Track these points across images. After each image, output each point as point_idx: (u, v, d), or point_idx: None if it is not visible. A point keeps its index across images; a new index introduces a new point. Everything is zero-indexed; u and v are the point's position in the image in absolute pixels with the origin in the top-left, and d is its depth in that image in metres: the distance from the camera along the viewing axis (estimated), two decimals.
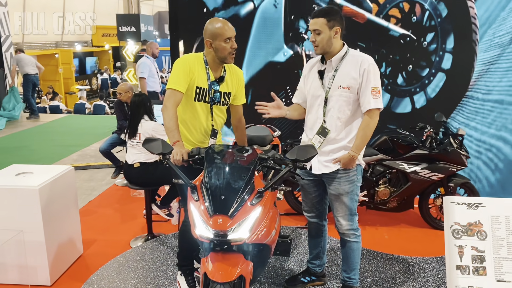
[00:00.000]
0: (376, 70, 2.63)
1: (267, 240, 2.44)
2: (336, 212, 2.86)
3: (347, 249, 2.93)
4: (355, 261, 2.95)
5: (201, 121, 2.84)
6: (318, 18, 2.61)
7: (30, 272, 3.20)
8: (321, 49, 2.66)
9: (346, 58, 2.67)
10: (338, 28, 2.63)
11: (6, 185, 3.15)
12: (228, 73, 2.89)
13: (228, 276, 2.17)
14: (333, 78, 2.68)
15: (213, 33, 2.68)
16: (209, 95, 2.80)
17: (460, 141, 4.08)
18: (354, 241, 2.89)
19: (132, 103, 4.05)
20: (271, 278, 3.34)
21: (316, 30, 2.61)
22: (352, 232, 2.87)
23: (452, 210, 2.37)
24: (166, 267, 3.50)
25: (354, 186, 2.80)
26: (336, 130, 2.73)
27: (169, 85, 2.70)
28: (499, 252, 2.27)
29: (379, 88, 2.62)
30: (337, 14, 2.64)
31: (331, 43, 2.64)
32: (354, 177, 2.78)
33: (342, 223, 2.86)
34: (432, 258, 3.65)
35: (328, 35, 2.61)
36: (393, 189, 4.18)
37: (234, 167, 2.40)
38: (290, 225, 4.29)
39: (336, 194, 2.81)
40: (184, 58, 2.80)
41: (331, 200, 2.87)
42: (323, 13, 2.61)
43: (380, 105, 2.63)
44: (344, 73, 2.66)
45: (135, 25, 11.48)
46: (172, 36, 5.33)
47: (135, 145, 3.94)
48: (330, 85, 2.69)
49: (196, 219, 2.24)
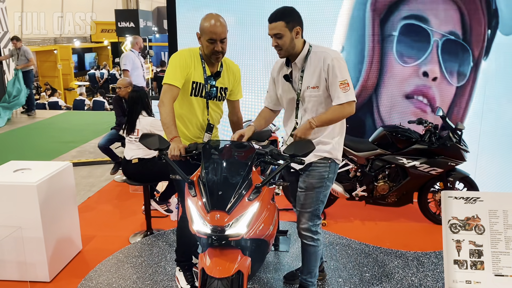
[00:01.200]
0: (341, 63, 2.53)
1: (265, 235, 2.43)
2: (299, 205, 2.76)
3: (304, 252, 2.85)
4: (312, 265, 2.86)
5: (197, 116, 2.83)
6: (276, 22, 2.50)
7: (29, 268, 3.21)
8: (285, 52, 2.58)
9: (310, 56, 2.60)
10: (299, 28, 2.54)
11: (4, 181, 3.14)
12: (225, 68, 2.88)
13: (226, 272, 2.16)
14: (301, 79, 2.62)
15: (202, 28, 2.66)
16: (205, 90, 2.79)
17: (459, 136, 4.08)
18: (310, 244, 2.79)
19: (129, 98, 4.05)
20: (270, 273, 3.34)
21: (277, 34, 2.51)
22: (308, 234, 2.77)
23: (450, 204, 2.36)
24: (165, 263, 3.50)
25: (323, 183, 2.69)
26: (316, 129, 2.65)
27: (165, 80, 2.68)
28: (497, 247, 2.27)
29: (347, 81, 2.51)
30: (294, 13, 2.54)
31: (294, 44, 2.55)
32: (325, 173, 2.69)
33: (302, 221, 2.76)
34: (431, 252, 3.65)
35: (290, 37, 2.52)
36: (392, 184, 4.17)
37: (231, 162, 2.39)
38: (289, 220, 4.29)
39: (303, 188, 2.72)
40: (180, 53, 2.78)
41: (298, 193, 2.76)
42: (280, 15, 2.50)
43: (351, 97, 2.51)
44: (310, 72, 2.59)
45: (134, 21, 11.44)
46: (170, 32, 5.31)
47: (133, 141, 3.94)
48: (300, 87, 2.63)
49: (193, 215, 2.24)
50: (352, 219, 4.37)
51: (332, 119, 2.56)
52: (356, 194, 4.22)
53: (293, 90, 2.69)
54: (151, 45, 14.61)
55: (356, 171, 4.23)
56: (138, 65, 6.46)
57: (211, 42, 2.63)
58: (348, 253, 3.67)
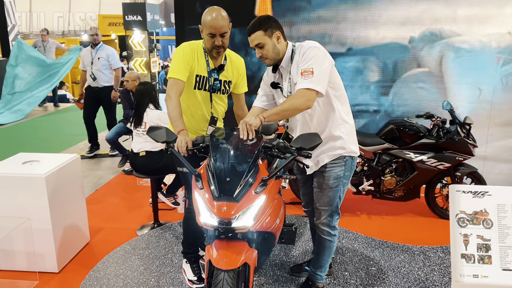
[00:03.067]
0: (313, 51, 2.42)
1: (272, 228, 2.44)
2: (317, 203, 2.75)
3: (319, 246, 2.85)
4: (324, 259, 2.87)
5: (201, 109, 2.84)
6: (254, 33, 2.49)
7: (37, 259, 3.24)
8: (271, 60, 2.55)
9: (294, 57, 2.54)
10: (278, 32, 2.51)
11: (13, 173, 3.17)
12: (229, 61, 2.88)
13: (233, 264, 2.17)
14: (290, 81, 2.58)
15: (203, 22, 2.67)
16: (209, 83, 2.80)
17: (467, 130, 4.05)
18: (327, 238, 2.79)
19: (137, 91, 4.06)
20: (276, 266, 3.35)
21: (258, 44, 2.50)
22: (326, 229, 2.77)
23: (458, 198, 2.35)
24: (171, 255, 3.52)
25: (339, 182, 2.67)
26: (313, 127, 2.62)
27: (170, 75, 2.70)
28: (505, 241, 2.25)
29: (311, 69, 2.37)
30: (270, 20, 2.51)
31: (277, 50, 2.53)
32: (341, 172, 2.66)
33: (321, 216, 2.76)
34: (438, 247, 3.64)
35: (272, 44, 2.50)
36: (399, 178, 4.16)
37: (239, 151, 2.40)
38: (295, 214, 4.29)
39: (319, 188, 2.72)
40: (184, 46, 2.79)
41: (315, 192, 2.76)
42: (257, 25, 2.48)
43: (310, 85, 2.36)
44: (295, 70, 2.54)
45: (141, 14, 11.42)
46: (177, 25, 5.30)
47: (140, 134, 3.95)
48: (290, 89, 2.59)
49: (200, 207, 2.24)
50: (358, 213, 4.37)
51: (282, 111, 2.39)
52: (363, 188, 4.22)
53: (283, 96, 2.66)
54: (158, 39, 14.61)
55: (363, 165, 4.22)
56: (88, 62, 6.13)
57: (211, 36, 2.64)
58: (354, 246, 3.67)
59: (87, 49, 6.20)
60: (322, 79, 2.40)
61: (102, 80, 6.10)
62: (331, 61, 2.50)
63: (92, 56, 6.07)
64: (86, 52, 6.18)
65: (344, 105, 2.65)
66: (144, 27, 11.25)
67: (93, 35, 6.15)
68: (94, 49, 6.11)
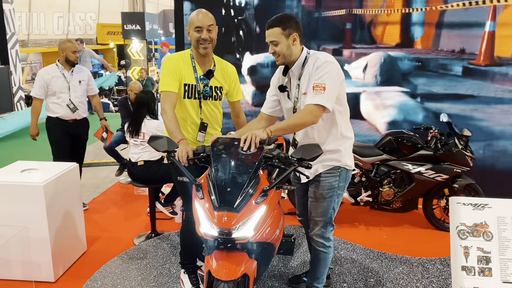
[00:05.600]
0: (328, 67, 2.43)
1: (271, 239, 2.43)
2: (312, 214, 2.75)
3: (315, 258, 2.84)
4: (320, 271, 2.85)
5: (192, 117, 2.86)
6: (272, 28, 2.48)
7: (34, 268, 3.21)
8: (282, 59, 2.55)
9: (307, 64, 2.54)
10: (295, 34, 2.50)
11: (11, 181, 3.16)
12: (219, 67, 2.92)
13: (232, 274, 2.16)
14: (298, 87, 2.58)
15: (189, 22, 2.74)
16: (198, 90, 2.83)
17: (465, 142, 4.07)
18: (321, 250, 2.78)
19: (137, 98, 4.02)
20: (275, 277, 3.33)
21: (273, 41, 2.49)
22: (321, 241, 2.76)
23: (458, 210, 2.35)
24: (169, 265, 3.50)
25: (333, 193, 2.66)
26: (310, 138, 2.62)
27: (161, 88, 2.74)
28: (505, 253, 2.25)
29: (324, 85, 2.39)
30: (291, 20, 2.50)
31: (291, 51, 2.52)
32: (335, 183, 2.65)
33: (315, 228, 2.75)
34: (436, 259, 3.64)
35: (287, 44, 2.49)
36: (397, 189, 4.17)
37: (239, 161, 2.40)
38: (294, 224, 4.28)
39: (313, 198, 2.70)
40: (169, 58, 2.84)
41: (309, 202, 2.75)
42: (277, 22, 2.48)
43: (320, 101, 2.39)
44: (306, 79, 2.53)
45: (140, 23, 11.47)
46: (177, 33, 5.34)
47: (138, 144, 3.94)
48: (297, 95, 2.59)
49: (200, 217, 2.24)
50: (356, 224, 4.36)
51: (289, 126, 2.44)
52: (361, 199, 4.22)
53: (289, 100, 2.66)
54: (157, 48, 14.65)
55: (361, 176, 4.23)
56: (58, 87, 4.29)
57: (198, 30, 2.70)
58: (352, 258, 3.66)
59: (51, 68, 4.32)
60: (332, 96, 2.44)
61: (82, 110, 4.48)
62: (343, 78, 2.54)
63: (68, 79, 4.33)
64: (54, 74, 4.27)
65: (346, 120, 2.68)
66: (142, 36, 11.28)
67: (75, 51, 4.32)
68: (69, 71, 4.34)
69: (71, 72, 4.34)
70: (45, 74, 4.25)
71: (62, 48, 4.27)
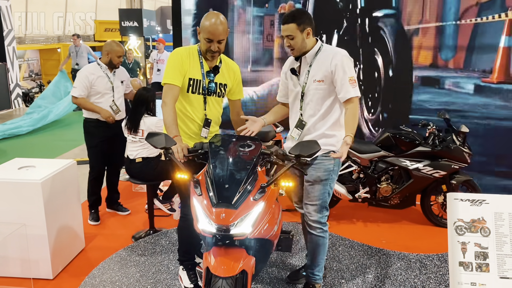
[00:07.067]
0: (349, 61, 2.70)
1: (270, 235, 2.44)
2: (307, 199, 2.85)
3: (312, 243, 2.92)
4: (320, 258, 2.94)
5: (196, 112, 2.86)
6: (288, 24, 2.68)
7: (32, 265, 3.21)
8: (298, 52, 2.75)
9: (319, 54, 2.75)
10: (309, 28, 2.70)
11: (9, 178, 3.15)
12: (224, 64, 2.93)
13: (231, 271, 2.17)
14: (308, 73, 2.76)
15: (202, 26, 2.72)
16: (203, 85, 2.82)
17: (463, 138, 4.07)
18: (320, 235, 2.87)
19: (137, 95, 3.98)
20: (273, 274, 3.34)
21: (289, 35, 2.69)
22: (318, 226, 2.86)
23: (456, 206, 2.36)
24: (168, 262, 3.50)
25: (329, 176, 2.79)
26: (314, 122, 2.78)
27: (164, 81, 2.73)
28: (502, 249, 2.26)
29: (354, 78, 2.68)
30: (305, 15, 2.71)
31: (305, 44, 2.72)
32: (331, 166, 2.78)
33: (311, 213, 2.84)
34: (434, 255, 3.65)
35: (301, 38, 2.69)
36: (395, 186, 4.17)
37: (238, 158, 2.40)
38: (292, 221, 4.29)
39: (310, 181, 2.80)
40: (176, 52, 2.84)
41: (305, 186, 2.85)
42: (292, 18, 2.67)
43: (358, 93, 2.69)
44: (318, 67, 2.73)
45: (137, 20, 11.45)
46: (174, 31, 5.32)
47: (137, 140, 3.93)
48: (306, 80, 2.77)
49: (198, 214, 2.24)
50: (354, 221, 4.37)
51: (356, 124, 2.67)
52: (359, 196, 4.22)
53: (298, 83, 2.81)
54: (154, 45, 14.63)
55: (359, 172, 4.23)
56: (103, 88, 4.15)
57: (208, 41, 2.69)
58: (350, 254, 3.67)
59: (95, 68, 4.14)
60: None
61: (123, 111, 4.35)
62: None
63: (111, 79, 4.21)
64: (98, 74, 4.12)
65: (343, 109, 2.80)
66: (140, 33, 11.26)
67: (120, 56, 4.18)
68: (112, 71, 4.21)
69: (114, 73, 4.24)
70: (89, 74, 4.08)
71: (108, 50, 4.12)
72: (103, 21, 19.25)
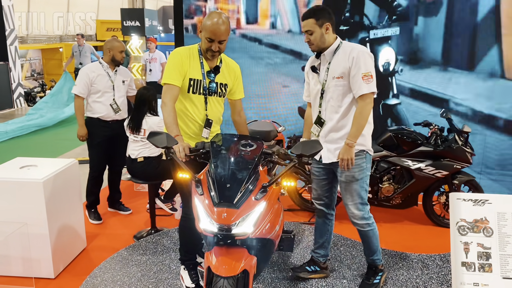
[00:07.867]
0: (366, 56, 2.71)
1: (271, 235, 2.43)
2: (347, 200, 2.92)
3: (364, 237, 3.03)
4: (374, 245, 3.06)
5: (196, 113, 2.85)
6: (307, 19, 2.74)
7: (33, 264, 3.21)
8: (316, 47, 2.79)
9: (338, 51, 2.79)
10: (328, 24, 2.74)
11: (11, 177, 3.15)
12: (224, 64, 2.92)
13: (232, 271, 2.16)
14: (328, 70, 2.80)
15: (203, 25, 2.71)
16: (203, 85, 2.81)
17: (465, 138, 4.06)
18: (368, 229, 2.98)
19: (139, 94, 3.98)
20: (274, 273, 3.34)
21: (308, 30, 2.75)
22: (365, 222, 2.95)
23: (458, 206, 2.35)
24: (169, 261, 3.50)
25: (363, 174, 2.86)
26: (336, 119, 2.82)
27: (164, 80, 2.73)
28: (505, 249, 2.25)
29: (371, 73, 2.69)
30: (325, 11, 2.75)
31: (324, 39, 2.76)
32: (364, 164, 2.85)
33: (354, 213, 2.93)
34: (436, 255, 3.64)
35: (320, 33, 2.74)
36: (397, 186, 4.16)
37: (239, 157, 2.40)
38: (293, 220, 4.28)
39: (346, 181, 2.87)
40: (176, 51, 2.83)
41: (341, 188, 2.93)
42: (311, 13, 2.74)
43: (373, 88, 2.70)
44: (337, 63, 2.77)
45: (139, 20, 11.44)
46: (176, 31, 5.32)
47: (139, 140, 3.93)
48: (326, 78, 2.81)
49: (200, 213, 2.24)
50: None
51: (360, 126, 2.71)
52: None
53: (319, 81, 2.85)
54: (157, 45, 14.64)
55: None
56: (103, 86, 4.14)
57: (209, 41, 2.68)
58: (352, 254, 3.66)
59: (96, 66, 4.17)
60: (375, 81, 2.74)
61: (124, 111, 4.33)
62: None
63: (112, 78, 4.21)
64: (99, 72, 4.13)
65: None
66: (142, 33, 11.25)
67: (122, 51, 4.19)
68: (113, 70, 4.21)
69: (115, 72, 4.21)
70: (90, 72, 4.08)
71: (109, 47, 4.12)
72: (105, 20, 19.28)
